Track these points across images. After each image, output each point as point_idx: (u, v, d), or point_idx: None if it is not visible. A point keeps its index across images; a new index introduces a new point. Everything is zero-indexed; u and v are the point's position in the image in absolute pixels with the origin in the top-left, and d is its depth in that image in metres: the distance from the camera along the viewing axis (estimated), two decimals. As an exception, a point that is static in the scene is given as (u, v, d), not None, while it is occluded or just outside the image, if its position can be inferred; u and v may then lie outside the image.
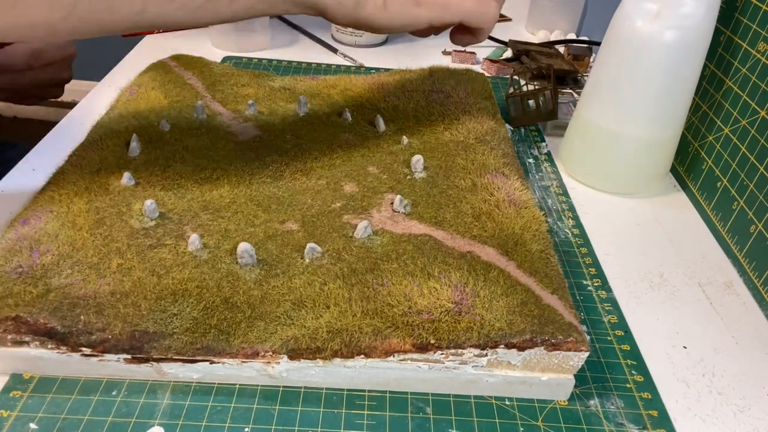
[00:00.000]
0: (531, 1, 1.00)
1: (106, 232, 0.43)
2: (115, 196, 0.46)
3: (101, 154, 0.51)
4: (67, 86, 0.70)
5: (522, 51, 0.80)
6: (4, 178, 0.54)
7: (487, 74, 0.82)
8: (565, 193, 0.60)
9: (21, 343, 0.37)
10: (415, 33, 0.51)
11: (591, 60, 0.81)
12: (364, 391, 0.39)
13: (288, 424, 0.37)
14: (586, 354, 0.38)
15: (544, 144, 0.68)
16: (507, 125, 0.68)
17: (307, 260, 0.42)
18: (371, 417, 0.38)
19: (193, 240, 0.42)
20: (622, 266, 0.52)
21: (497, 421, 0.38)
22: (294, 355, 0.37)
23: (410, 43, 0.92)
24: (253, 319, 0.38)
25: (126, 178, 0.48)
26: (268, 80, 0.67)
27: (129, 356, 0.37)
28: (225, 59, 0.80)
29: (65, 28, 0.40)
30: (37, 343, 0.37)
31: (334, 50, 0.86)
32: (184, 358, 0.37)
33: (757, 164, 0.52)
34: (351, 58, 0.83)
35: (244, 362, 0.37)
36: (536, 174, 0.63)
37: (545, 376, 0.39)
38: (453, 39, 0.52)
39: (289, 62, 0.81)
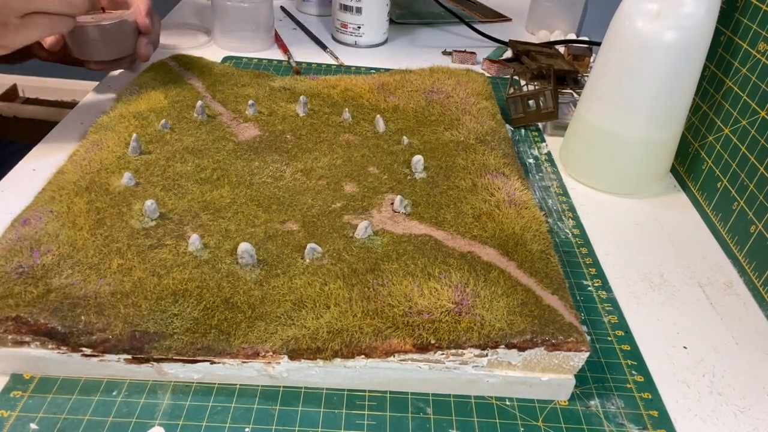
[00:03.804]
0: (531, 1, 1.00)
1: (106, 233, 0.43)
2: (115, 196, 0.46)
3: (101, 154, 0.51)
4: (67, 86, 0.70)
5: (522, 51, 0.80)
6: (4, 178, 0.54)
7: (487, 74, 0.82)
8: (566, 194, 0.60)
9: (21, 344, 0.37)
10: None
11: (591, 60, 0.81)
12: (364, 391, 0.39)
13: (288, 425, 0.37)
14: (587, 354, 0.38)
15: (544, 144, 0.68)
16: (507, 125, 0.69)
17: (308, 260, 0.42)
18: (372, 417, 0.38)
19: (194, 240, 0.42)
20: (622, 266, 0.52)
21: (498, 421, 0.38)
22: (294, 355, 0.37)
23: (410, 43, 0.92)
24: (253, 320, 0.38)
25: (126, 178, 0.48)
26: (268, 80, 0.67)
27: (129, 356, 0.37)
28: (225, 59, 0.80)
29: None
30: (38, 343, 0.37)
31: (324, 47, 0.86)
32: (185, 358, 0.37)
33: (757, 164, 0.52)
34: (335, 56, 0.84)
35: (245, 362, 0.37)
36: (536, 174, 0.63)
37: (546, 376, 0.39)
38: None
39: (289, 62, 0.81)
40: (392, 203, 0.49)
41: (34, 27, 0.52)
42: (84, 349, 0.37)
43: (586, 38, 0.93)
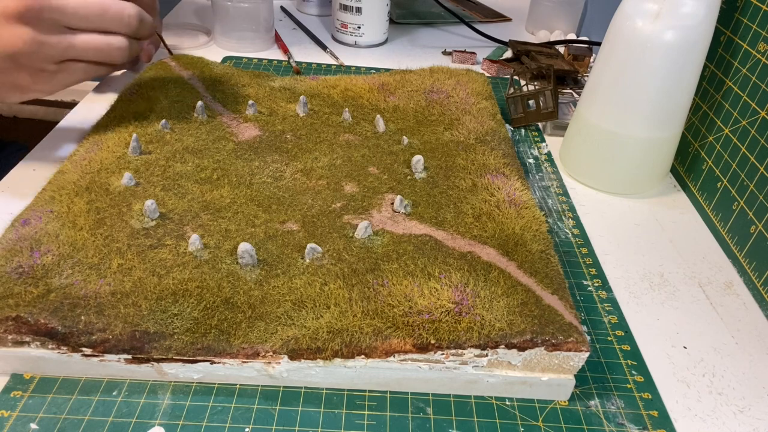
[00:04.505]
0: (531, 1, 1.00)
1: (106, 233, 0.43)
2: (115, 196, 0.46)
3: (101, 154, 0.51)
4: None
5: (522, 51, 0.80)
6: (4, 178, 0.54)
7: (487, 74, 0.82)
8: (566, 194, 0.60)
9: (21, 344, 0.37)
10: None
11: (591, 60, 0.81)
12: (364, 391, 0.39)
13: (288, 425, 0.37)
14: (587, 354, 0.38)
15: (544, 144, 0.68)
16: (507, 125, 0.69)
17: (308, 260, 0.42)
18: (372, 417, 0.38)
19: (194, 240, 0.42)
20: (622, 266, 0.52)
21: (498, 421, 0.38)
22: (294, 355, 0.37)
23: (410, 43, 0.92)
24: (253, 320, 0.38)
25: (126, 179, 0.48)
26: (269, 80, 0.67)
27: (129, 356, 0.37)
28: (225, 59, 0.80)
29: None
30: (38, 343, 0.37)
31: (324, 47, 0.86)
32: (185, 358, 0.37)
33: (757, 164, 0.52)
34: (335, 56, 0.84)
35: (245, 362, 0.37)
36: (536, 174, 0.63)
37: (546, 376, 0.39)
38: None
39: (289, 62, 0.81)
40: (392, 203, 0.49)
41: (70, 73, 0.51)
42: (84, 349, 0.37)
43: (586, 38, 0.93)
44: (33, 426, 0.35)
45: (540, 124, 0.71)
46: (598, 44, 0.83)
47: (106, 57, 0.51)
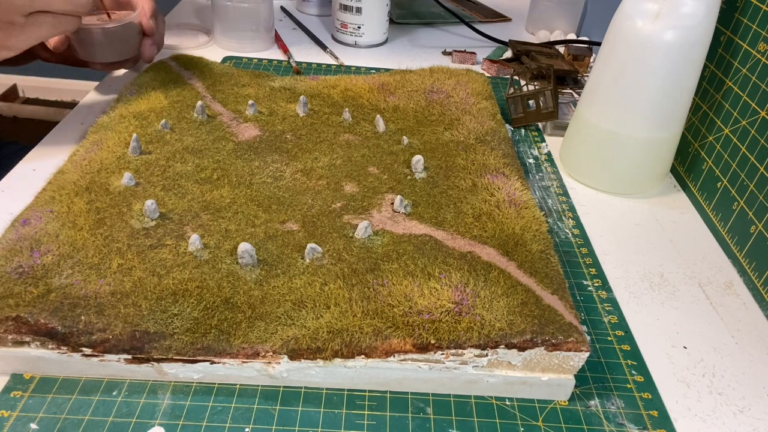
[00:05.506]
0: (531, 1, 1.00)
1: (106, 233, 0.43)
2: (115, 196, 0.46)
3: (101, 154, 0.51)
4: (67, 86, 0.70)
5: (522, 51, 0.80)
6: (4, 178, 0.54)
7: (487, 74, 0.82)
8: (566, 194, 0.60)
9: (22, 344, 0.37)
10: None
11: (591, 60, 0.81)
12: (364, 391, 0.39)
13: (288, 425, 0.37)
14: (587, 354, 0.38)
15: (544, 144, 0.68)
16: (507, 125, 0.69)
17: (308, 260, 0.42)
18: (372, 417, 0.38)
19: (194, 240, 0.42)
20: (622, 266, 0.52)
21: (498, 421, 0.38)
22: (294, 355, 0.37)
23: (410, 43, 0.92)
24: (253, 320, 0.38)
25: (126, 179, 0.48)
26: (269, 80, 0.67)
27: (129, 356, 0.37)
28: (225, 59, 0.80)
29: None
30: (38, 343, 0.37)
31: (324, 47, 0.86)
32: (185, 358, 0.37)
33: (757, 164, 0.52)
34: (335, 56, 0.84)
35: (245, 362, 0.37)
36: (536, 174, 0.63)
37: (546, 376, 0.39)
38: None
39: (289, 62, 0.81)
40: (392, 203, 0.49)
41: (39, 26, 0.52)
42: (84, 349, 0.37)
43: (586, 38, 0.93)
44: (33, 426, 0.35)
45: (540, 124, 0.71)
46: (598, 44, 0.83)
47: (73, 6, 0.53)
